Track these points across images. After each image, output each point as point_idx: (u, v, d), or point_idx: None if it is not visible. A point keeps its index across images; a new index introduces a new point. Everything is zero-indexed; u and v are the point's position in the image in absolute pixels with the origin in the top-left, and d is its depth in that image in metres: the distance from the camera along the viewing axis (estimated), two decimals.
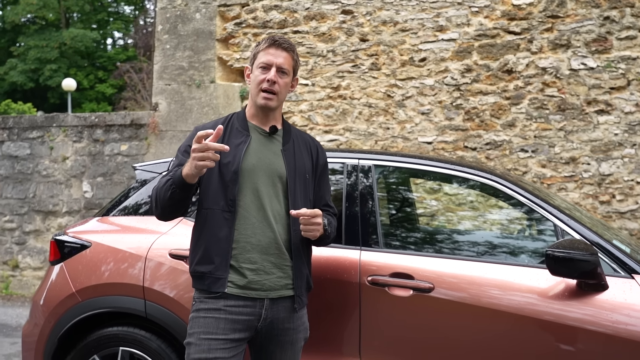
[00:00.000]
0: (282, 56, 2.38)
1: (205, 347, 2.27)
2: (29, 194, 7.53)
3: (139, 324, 3.03)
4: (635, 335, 2.45)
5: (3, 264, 7.61)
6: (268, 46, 2.38)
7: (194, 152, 2.09)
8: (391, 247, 2.95)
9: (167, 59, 7.11)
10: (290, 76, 2.43)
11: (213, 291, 2.30)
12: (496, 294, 2.64)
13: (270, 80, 2.35)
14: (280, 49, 2.38)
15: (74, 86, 22.31)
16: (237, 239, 2.31)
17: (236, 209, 2.31)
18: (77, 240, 3.24)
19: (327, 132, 6.60)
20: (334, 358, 2.79)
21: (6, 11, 33.72)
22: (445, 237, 3.38)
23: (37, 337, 3.19)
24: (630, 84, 5.84)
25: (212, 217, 2.32)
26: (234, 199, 2.31)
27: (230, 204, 2.31)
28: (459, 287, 2.68)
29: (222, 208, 2.31)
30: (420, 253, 2.92)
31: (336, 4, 6.65)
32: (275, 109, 2.43)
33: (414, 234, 3.42)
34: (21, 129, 7.58)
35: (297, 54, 2.47)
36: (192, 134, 2.40)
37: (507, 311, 2.60)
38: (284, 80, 2.39)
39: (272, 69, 2.36)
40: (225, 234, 2.30)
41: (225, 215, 2.31)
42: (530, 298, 2.59)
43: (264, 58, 2.38)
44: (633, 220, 5.79)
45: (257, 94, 2.39)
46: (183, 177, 2.18)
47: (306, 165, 2.47)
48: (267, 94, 2.37)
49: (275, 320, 2.37)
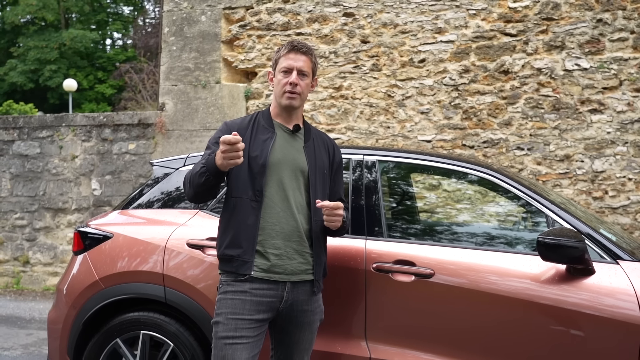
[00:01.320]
0: (302, 60, 2.59)
1: (232, 326, 2.47)
2: (39, 192, 7.73)
3: (159, 309, 3.23)
4: (620, 316, 2.66)
5: (14, 260, 7.82)
6: (288, 51, 2.60)
7: (223, 153, 2.28)
8: (394, 236, 3.16)
9: (174, 60, 7.31)
10: (310, 77, 2.64)
11: (240, 273, 2.49)
12: (492, 279, 2.84)
13: (292, 83, 2.56)
14: (299, 53, 2.59)
15: (74, 87, 22.50)
16: (263, 226, 2.52)
17: (262, 198, 2.52)
18: (99, 232, 3.45)
19: (330, 131, 6.81)
20: (342, 339, 3.00)
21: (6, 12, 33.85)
22: (444, 227, 3.59)
23: (63, 322, 3.39)
24: (622, 84, 6.06)
25: (241, 205, 2.52)
26: (261, 189, 2.51)
27: (258, 194, 2.51)
28: (458, 273, 2.89)
29: (250, 197, 2.51)
30: (422, 242, 3.13)
31: (338, 7, 6.87)
32: (298, 108, 2.64)
33: (415, 224, 3.63)
34: (31, 128, 7.78)
35: (315, 56, 2.68)
36: (222, 128, 2.62)
37: (502, 295, 2.81)
38: (304, 82, 2.60)
39: (293, 72, 2.57)
40: (252, 221, 2.50)
41: (252, 204, 2.51)
42: (524, 283, 2.80)
43: (285, 63, 2.58)
44: (625, 215, 6.02)
45: (282, 96, 2.59)
46: (217, 165, 2.36)
47: (324, 162, 2.69)
48: (291, 94, 2.57)
49: (295, 303, 2.57)
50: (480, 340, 2.84)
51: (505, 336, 2.81)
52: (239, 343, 2.46)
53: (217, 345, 2.49)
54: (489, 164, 3.28)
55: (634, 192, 5.99)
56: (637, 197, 5.97)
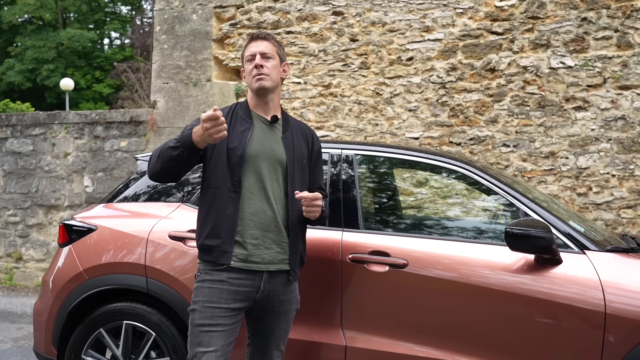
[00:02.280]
0: (262, 44, 2.65)
1: (208, 314, 2.53)
2: (32, 189, 7.81)
3: (141, 300, 3.31)
4: (585, 304, 2.74)
5: (7, 256, 7.89)
6: (249, 42, 2.69)
7: (209, 130, 2.32)
8: (370, 228, 3.23)
9: (165, 59, 7.39)
10: (277, 59, 2.68)
11: (220, 263, 2.55)
12: (464, 270, 2.92)
13: (258, 65, 2.61)
14: (258, 40, 2.67)
15: (71, 86, 22.55)
16: (241, 216, 2.57)
17: (241, 189, 2.57)
18: (84, 224, 3.53)
19: (319, 128, 6.88)
20: (320, 328, 3.08)
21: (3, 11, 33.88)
22: (419, 219, 3.67)
23: (48, 313, 3.47)
24: (606, 81, 6.15)
25: (220, 195, 2.57)
26: (240, 180, 2.57)
27: (236, 185, 2.56)
28: (431, 264, 2.97)
29: (229, 188, 2.56)
30: (396, 233, 3.22)
31: (327, 5, 6.95)
32: (270, 90, 2.67)
33: (391, 216, 3.71)
34: (24, 126, 7.86)
35: (278, 41, 2.74)
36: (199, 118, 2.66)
37: (473, 284, 2.89)
38: (271, 63, 2.65)
39: (257, 56, 2.63)
40: (231, 211, 2.55)
41: (231, 195, 2.56)
42: (494, 272, 2.88)
43: (247, 52, 2.67)
44: (608, 211, 6.10)
45: (252, 81, 2.64)
46: (193, 141, 2.41)
47: (303, 152, 2.73)
48: (258, 75, 2.62)
49: (272, 292, 2.63)
50: (451, 328, 2.92)
51: (475, 324, 2.89)
52: (215, 331, 2.52)
53: (193, 332, 2.55)
54: (462, 157, 3.36)
55: (618, 189, 6.07)
56: (620, 194, 6.06)
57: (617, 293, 2.72)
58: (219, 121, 2.30)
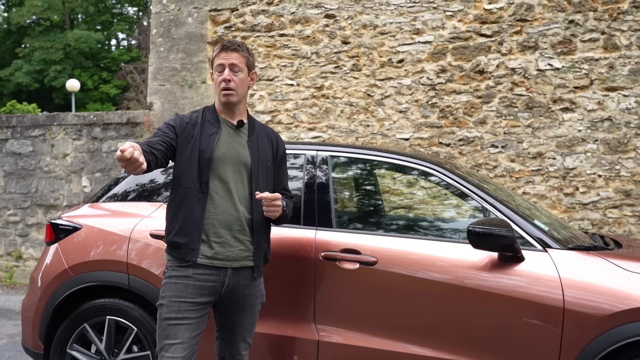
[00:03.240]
0: (233, 57, 2.76)
1: (175, 308, 2.66)
2: (32, 189, 7.97)
3: (123, 296, 3.44)
4: (545, 299, 2.84)
5: (7, 255, 8.06)
6: (219, 51, 2.78)
7: (126, 167, 2.35)
8: (342, 226, 3.34)
9: (161, 61, 7.53)
10: (245, 72, 2.80)
11: (186, 259, 2.68)
12: (432, 266, 3.03)
13: (225, 80, 2.74)
14: (229, 51, 2.76)
15: (77, 87, 22.75)
16: (208, 216, 2.70)
17: (208, 191, 2.71)
18: (70, 223, 3.66)
19: (311, 129, 7.00)
20: (293, 323, 3.19)
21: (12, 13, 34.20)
22: (390, 218, 3.78)
23: (35, 308, 3.60)
24: (593, 83, 6.23)
25: (189, 196, 2.70)
26: (207, 182, 2.70)
27: (204, 186, 2.70)
28: (400, 261, 3.07)
29: (197, 189, 2.70)
30: (367, 232, 3.32)
31: (320, 9, 7.06)
32: (237, 103, 2.81)
33: (363, 215, 3.82)
34: (24, 127, 8.02)
35: (248, 50, 2.84)
36: (174, 117, 2.80)
37: (440, 281, 2.99)
38: (239, 77, 2.77)
39: (226, 69, 2.75)
40: (199, 212, 2.69)
41: (199, 195, 2.70)
42: (459, 269, 2.98)
43: (217, 62, 2.77)
44: (595, 211, 6.18)
45: (219, 94, 2.79)
46: None
47: (268, 155, 2.86)
48: (226, 91, 2.76)
49: (236, 287, 2.76)
50: (419, 323, 3.02)
51: (441, 319, 2.99)
52: (181, 324, 2.65)
53: (160, 326, 2.68)
54: (431, 158, 3.46)
55: (604, 189, 6.15)
56: (606, 194, 6.14)
57: (575, 290, 2.82)
58: (130, 160, 2.32)
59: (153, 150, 2.57)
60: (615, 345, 2.72)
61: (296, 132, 7.07)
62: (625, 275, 2.81)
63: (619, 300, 2.75)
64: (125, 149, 2.28)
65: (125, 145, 2.31)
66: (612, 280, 2.81)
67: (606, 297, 2.77)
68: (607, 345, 2.73)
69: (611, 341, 2.72)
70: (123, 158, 2.29)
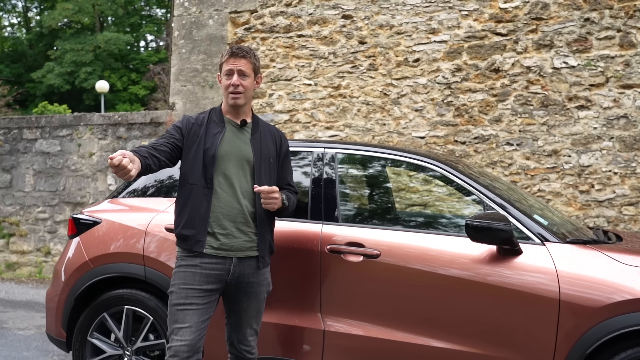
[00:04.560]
0: (241, 63, 2.95)
1: (183, 294, 2.85)
2: (60, 187, 8.25)
3: (140, 287, 3.62)
4: (542, 291, 2.93)
5: (37, 250, 8.35)
6: (229, 57, 2.96)
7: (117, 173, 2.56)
8: (347, 221, 3.47)
9: (183, 62, 7.73)
10: (252, 77, 3.00)
11: (194, 250, 2.87)
12: (432, 259, 3.14)
13: (234, 84, 2.93)
14: (238, 58, 2.95)
15: (106, 88, 23.21)
16: (213, 209, 2.89)
17: (213, 186, 2.89)
18: (90, 218, 3.85)
19: (329, 128, 7.13)
20: (301, 313, 3.33)
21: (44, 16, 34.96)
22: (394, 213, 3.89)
23: (58, 298, 3.80)
24: (609, 81, 6.24)
25: (196, 191, 2.90)
26: (212, 177, 2.89)
27: (209, 182, 2.89)
28: (402, 254, 3.19)
29: (203, 185, 2.89)
30: (371, 226, 3.44)
31: (337, 9, 7.18)
32: (243, 105, 3.00)
33: (367, 210, 3.93)
34: (52, 127, 8.30)
35: (255, 56, 3.02)
36: (182, 119, 3.01)
37: (441, 273, 3.10)
38: (246, 82, 2.96)
39: (234, 75, 2.93)
40: (205, 206, 2.88)
41: (205, 191, 2.89)
42: (459, 262, 3.09)
43: (226, 67, 2.96)
44: (610, 208, 6.20)
45: (227, 96, 2.98)
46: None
47: (271, 152, 3.04)
48: (235, 94, 2.95)
49: (242, 275, 2.94)
50: (420, 314, 3.14)
51: (441, 310, 3.10)
52: (189, 309, 2.83)
53: (171, 311, 2.87)
54: (436, 155, 3.56)
55: (619, 186, 6.16)
56: (622, 191, 6.15)
57: (571, 281, 2.90)
58: (119, 167, 2.53)
59: (155, 152, 2.80)
60: (609, 335, 2.80)
61: (314, 130, 7.21)
62: (620, 267, 2.89)
63: (613, 292, 2.83)
64: (114, 156, 2.52)
65: (115, 154, 2.54)
66: (607, 272, 2.89)
67: (601, 289, 2.85)
68: (601, 335, 2.81)
69: (605, 332, 2.81)
70: (112, 165, 2.51)
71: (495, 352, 3.00)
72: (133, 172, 2.60)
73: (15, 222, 8.45)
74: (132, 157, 2.64)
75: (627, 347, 2.80)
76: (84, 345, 3.68)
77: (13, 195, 8.48)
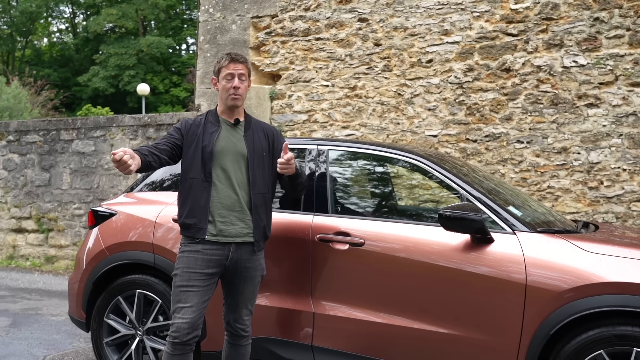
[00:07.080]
0: (240, 67, 3.29)
1: (186, 277, 3.18)
2: (94, 185, 8.73)
3: (150, 272, 3.96)
4: (510, 277, 3.14)
5: (73, 244, 8.85)
6: (229, 63, 3.29)
7: (118, 168, 2.95)
8: (337, 212, 3.73)
9: (208, 66, 8.10)
10: (247, 80, 3.33)
11: (196, 237, 3.20)
12: (411, 247, 3.38)
13: (235, 87, 3.26)
14: (237, 63, 3.28)
15: (147, 91, 23.95)
16: (212, 200, 3.22)
17: (211, 179, 3.22)
18: (107, 210, 4.22)
19: (345, 127, 7.39)
20: (293, 297, 3.61)
21: (89, 21, 36.13)
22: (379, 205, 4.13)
23: (78, 283, 4.18)
24: (618, 79, 6.34)
25: (196, 184, 3.23)
26: (210, 171, 3.22)
27: (208, 175, 3.23)
28: (384, 242, 3.44)
29: (202, 178, 3.23)
30: (357, 216, 3.70)
31: (353, 13, 7.44)
32: (240, 106, 3.33)
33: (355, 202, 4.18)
34: (87, 128, 8.79)
35: (249, 62, 3.34)
36: (182, 122, 3.36)
37: (418, 260, 3.34)
38: (244, 85, 3.31)
39: (235, 78, 3.26)
40: (205, 197, 3.22)
41: (204, 183, 3.22)
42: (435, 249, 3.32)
43: (227, 71, 3.28)
44: (619, 205, 6.29)
45: (227, 98, 3.30)
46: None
47: (263, 146, 3.35)
48: (235, 96, 3.28)
49: (239, 261, 3.25)
50: (400, 297, 3.38)
51: (419, 293, 3.34)
52: (191, 291, 3.16)
53: (174, 292, 3.21)
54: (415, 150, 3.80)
55: (628, 182, 6.25)
56: (631, 187, 6.24)
57: (537, 268, 3.11)
58: (120, 162, 2.91)
59: (156, 151, 3.17)
60: (571, 317, 2.99)
61: (331, 130, 7.48)
62: (583, 255, 3.08)
63: (575, 277, 3.02)
64: (116, 152, 2.90)
65: (117, 150, 2.92)
66: (571, 259, 3.08)
67: (564, 274, 3.05)
68: (563, 317, 3.00)
69: (567, 314, 3.00)
70: (114, 160, 2.89)
71: (469, 332, 3.22)
72: (132, 167, 2.95)
73: (54, 218, 8.97)
74: (133, 154, 3.00)
75: (589, 328, 2.99)
76: (101, 325, 4.04)
77: (52, 193, 9.01)
